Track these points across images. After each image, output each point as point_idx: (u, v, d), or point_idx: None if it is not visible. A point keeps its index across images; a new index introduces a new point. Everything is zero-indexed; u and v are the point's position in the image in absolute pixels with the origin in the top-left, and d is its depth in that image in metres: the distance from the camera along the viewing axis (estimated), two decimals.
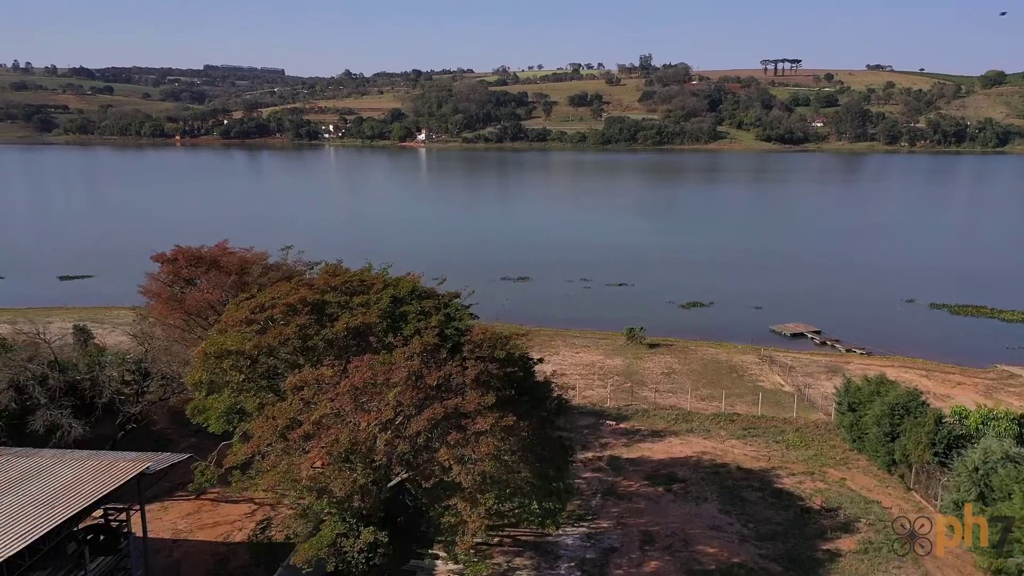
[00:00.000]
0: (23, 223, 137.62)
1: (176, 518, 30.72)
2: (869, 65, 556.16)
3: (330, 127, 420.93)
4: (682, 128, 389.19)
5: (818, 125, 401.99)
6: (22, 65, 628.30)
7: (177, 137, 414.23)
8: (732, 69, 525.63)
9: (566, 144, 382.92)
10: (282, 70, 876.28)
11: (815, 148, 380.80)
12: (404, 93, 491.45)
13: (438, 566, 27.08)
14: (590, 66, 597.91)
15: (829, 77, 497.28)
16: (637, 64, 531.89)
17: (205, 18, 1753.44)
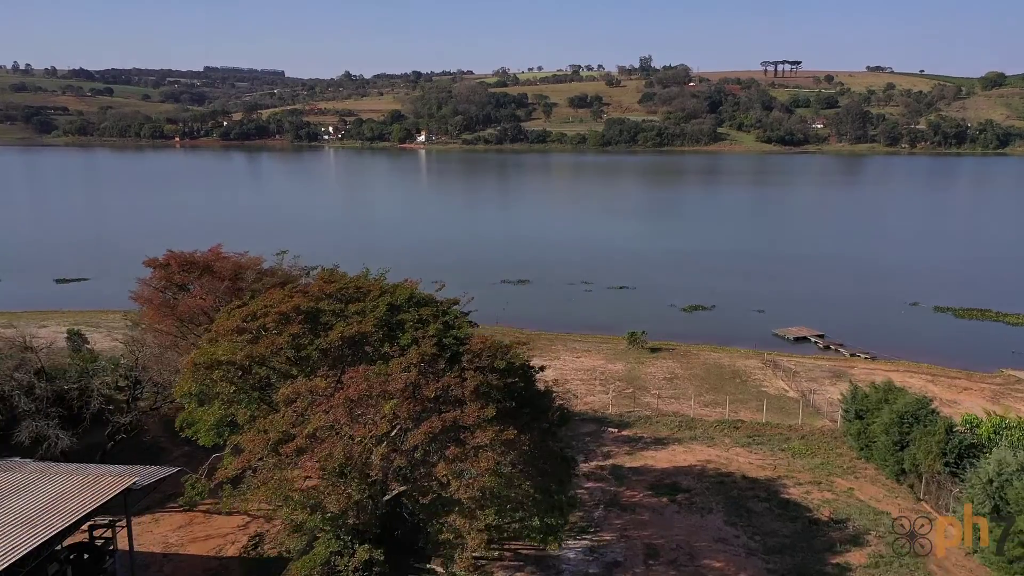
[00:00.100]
0: (20, 225, 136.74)
1: (167, 531, 29.84)
2: (869, 67, 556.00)
3: (330, 129, 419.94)
4: (682, 130, 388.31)
5: (818, 127, 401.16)
6: (22, 67, 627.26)
7: (176, 139, 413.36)
8: (732, 71, 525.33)
9: (566, 146, 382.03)
10: (282, 71, 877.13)
11: (815, 150, 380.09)
12: (404, 95, 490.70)
13: None
14: (590, 67, 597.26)
15: (829, 79, 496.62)
16: (637, 65, 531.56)
17: (205, 20, 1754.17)
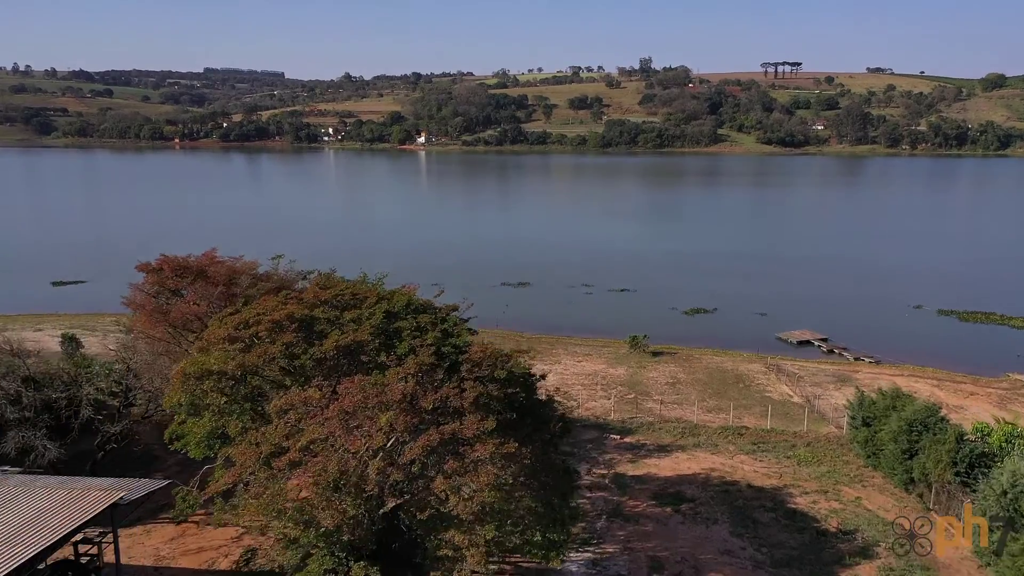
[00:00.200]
0: (18, 227, 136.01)
1: (159, 543, 29.14)
2: (869, 68, 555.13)
3: (329, 130, 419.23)
4: (682, 131, 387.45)
5: (819, 128, 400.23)
6: (22, 68, 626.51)
7: (176, 140, 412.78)
8: (732, 72, 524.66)
9: (566, 147, 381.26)
10: (282, 73, 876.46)
11: (816, 151, 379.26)
12: (404, 96, 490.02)
13: None
14: (590, 69, 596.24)
15: (829, 80, 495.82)
16: (637, 67, 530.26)
17: (205, 21, 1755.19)
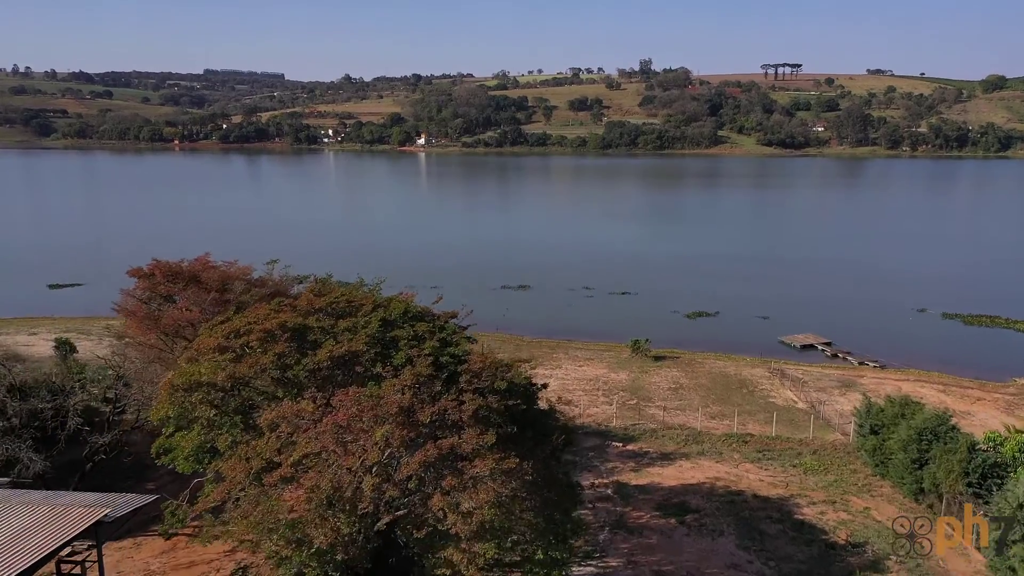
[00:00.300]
0: (15, 228, 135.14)
1: (149, 557, 28.32)
2: (869, 69, 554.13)
3: (329, 131, 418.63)
4: (683, 132, 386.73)
5: (819, 130, 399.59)
6: (22, 69, 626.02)
7: (176, 142, 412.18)
8: (732, 74, 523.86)
9: (566, 149, 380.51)
10: (282, 74, 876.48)
11: (816, 153, 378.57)
12: (404, 97, 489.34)
13: None
14: (590, 70, 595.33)
15: (830, 82, 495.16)
16: (637, 68, 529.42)
17: (206, 22, 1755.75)
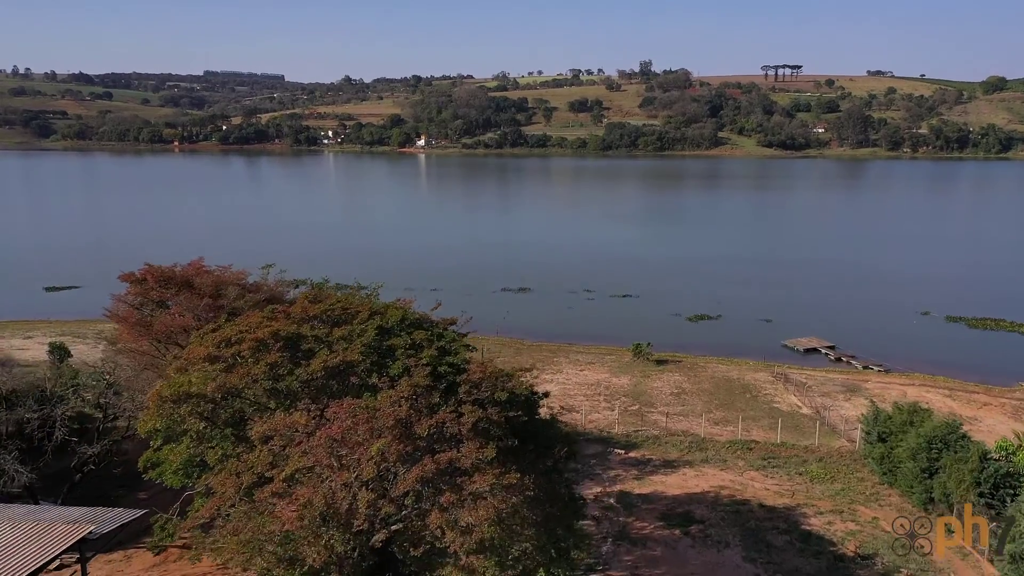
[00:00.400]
0: (12, 231, 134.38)
1: (139, 570, 27.57)
2: (870, 71, 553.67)
3: (329, 133, 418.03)
4: (683, 134, 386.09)
5: (820, 131, 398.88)
6: (22, 71, 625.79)
7: (176, 143, 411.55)
8: (733, 75, 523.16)
9: (566, 150, 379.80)
10: (282, 76, 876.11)
11: (817, 154, 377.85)
12: (404, 99, 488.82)
13: None
14: (590, 72, 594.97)
15: (830, 83, 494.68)
16: (637, 70, 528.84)
17: (206, 24, 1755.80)
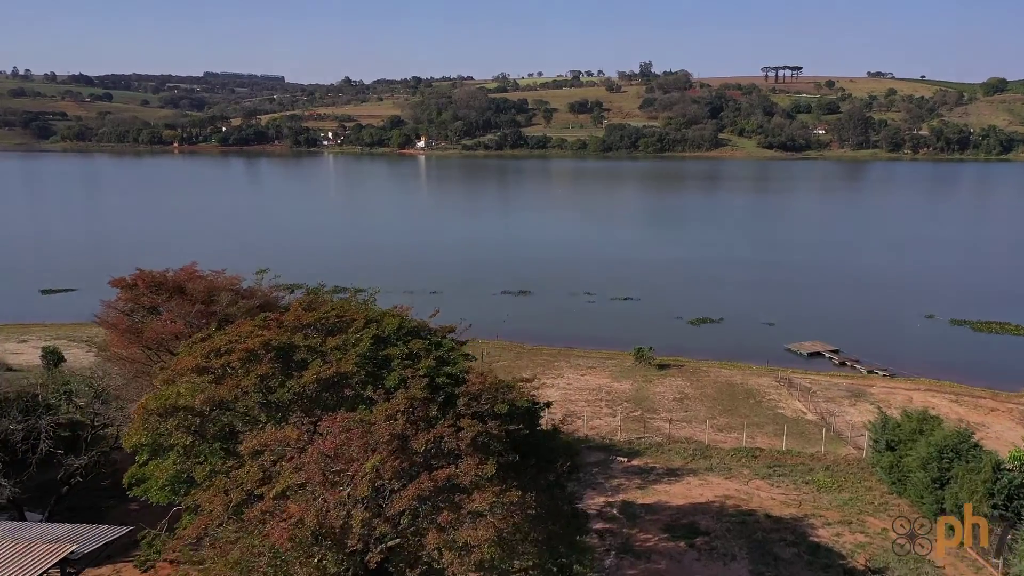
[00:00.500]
0: (9, 232, 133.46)
1: None
2: (870, 72, 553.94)
3: (329, 134, 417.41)
4: (683, 135, 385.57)
5: (820, 132, 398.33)
6: (21, 72, 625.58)
7: (175, 144, 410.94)
8: (733, 76, 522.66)
9: (566, 151, 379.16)
10: (282, 77, 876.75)
11: (817, 155, 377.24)
12: (404, 100, 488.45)
13: None
14: (590, 73, 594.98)
15: (830, 84, 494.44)
16: (637, 71, 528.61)
17: (206, 25, 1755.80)
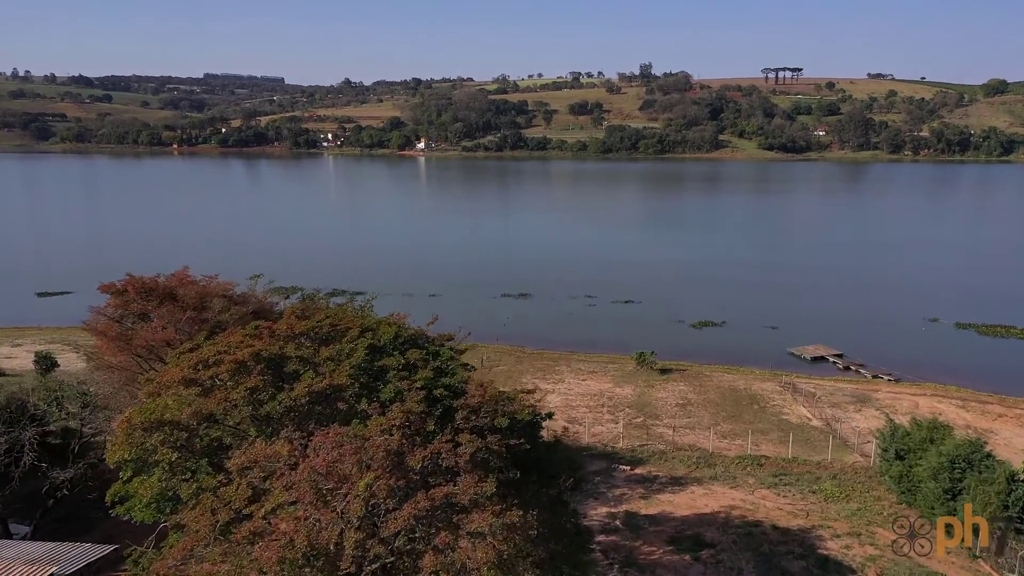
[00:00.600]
0: (5, 234, 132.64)
1: None
2: (870, 74, 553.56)
3: (329, 135, 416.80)
4: (683, 137, 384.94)
5: (820, 134, 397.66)
6: (21, 73, 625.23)
7: (175, 146, 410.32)
8: (733, 78, 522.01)
9: (566, 153, 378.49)
10: (282, 78, 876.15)
11: (818, 157, 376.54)
12: (403, 101, 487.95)
13: None
14: (590, 74, 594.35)
15: (830, 85, 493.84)
16: (637, 72, 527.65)
17: (206, 26, 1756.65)
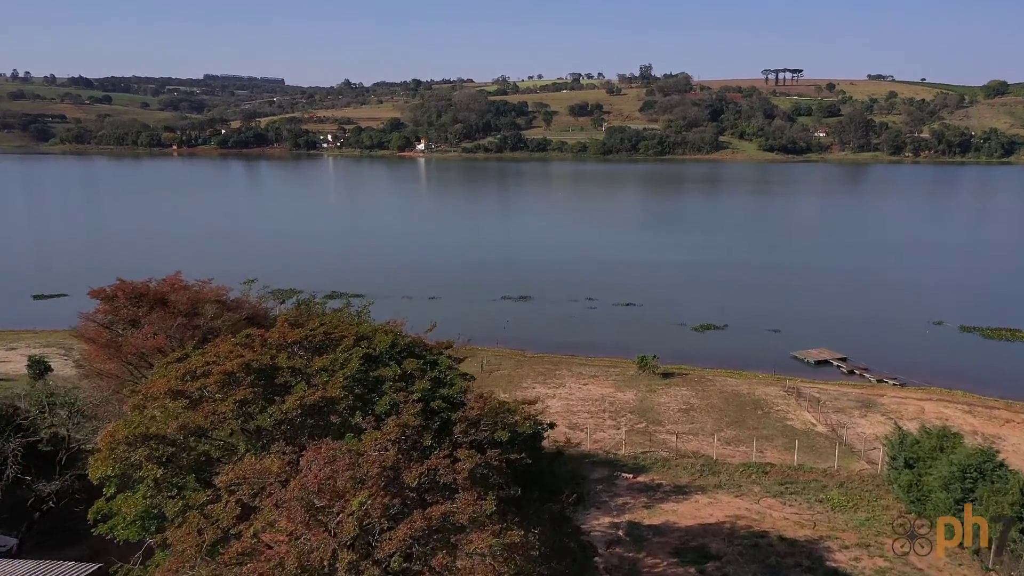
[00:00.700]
0: (3, 236, 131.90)
1: None
2: (870, 75, 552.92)
3: (328, 137, 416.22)
4: (683, 138, 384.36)
5: (821, 135, 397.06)
6: (21, 74, 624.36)
7: (174, 147, 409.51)
8: (733, 79, 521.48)
9: (566, 154, 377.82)
10: (282, 80, 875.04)
11: (818, 158, 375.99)
12: (403, 103, 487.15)
13: None
14: (590, 76, 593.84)
15: (831, 87, 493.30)
16: (637, 74, 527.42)
17: (205, 27, 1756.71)
